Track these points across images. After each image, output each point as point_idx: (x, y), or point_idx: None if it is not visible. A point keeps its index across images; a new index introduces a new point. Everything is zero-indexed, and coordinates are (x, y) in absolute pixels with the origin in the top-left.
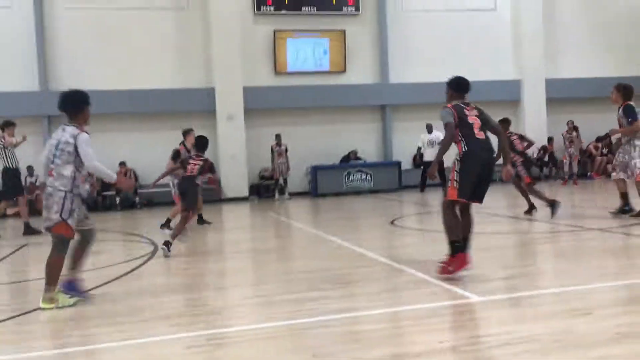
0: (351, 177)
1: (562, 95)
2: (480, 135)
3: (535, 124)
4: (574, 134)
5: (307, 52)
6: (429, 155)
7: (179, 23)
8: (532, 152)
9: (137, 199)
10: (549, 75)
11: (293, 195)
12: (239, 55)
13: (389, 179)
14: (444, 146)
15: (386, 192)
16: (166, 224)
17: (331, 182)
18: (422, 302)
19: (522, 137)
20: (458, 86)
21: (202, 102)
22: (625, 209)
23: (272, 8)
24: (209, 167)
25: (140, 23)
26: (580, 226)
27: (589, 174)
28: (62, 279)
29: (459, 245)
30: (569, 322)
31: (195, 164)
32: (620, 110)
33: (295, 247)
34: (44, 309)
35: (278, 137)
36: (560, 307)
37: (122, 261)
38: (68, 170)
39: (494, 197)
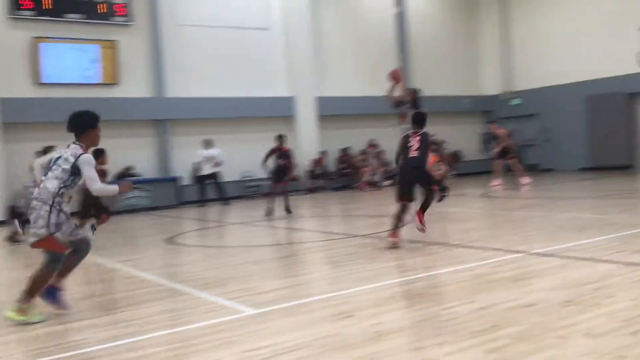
0: (126, 195)
1: (330, 112)
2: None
3: (308, 138)
4: (375, 150)
5: (73, 62)
6: (207, 170)
7: None
8: (305, 165)
9: None
10: (319, 94)
11: None
12: None
13: (168, 195)
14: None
15: (165, 208)
16: None
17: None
18: (199, 320)
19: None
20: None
21: None
22: None
23: (31, 13)
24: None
25: None
26: (347, 234)
27: (355, 184)
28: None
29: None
30: (335, 325)
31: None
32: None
33: None
34: (12, 319)
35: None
36: (327, 312)
37: None
38: (54, 185)
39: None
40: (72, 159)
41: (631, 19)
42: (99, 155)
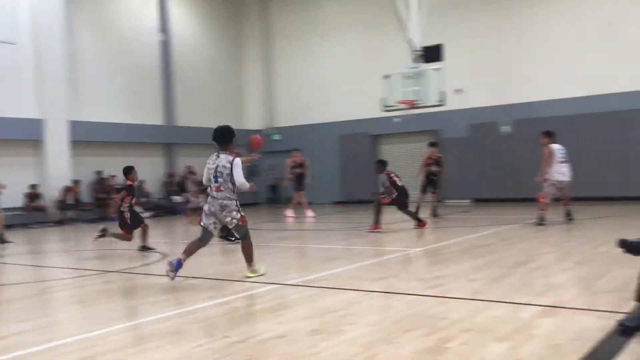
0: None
1: (85, 138)
2: None
3: (59, 165)
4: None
5: None
6: None
7: None
8: (55, 194)
9: None
10: (73, 117)
11: None
12: None
13: None
14: None
15: None
16: None
17: None
18: None
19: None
20: None
21: None
22: None
23: None
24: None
25: None
26: (99, 270)
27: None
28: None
29: None
30: None
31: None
32: None
33: None
34: (249, 276)
35: None
36: (70, 358)
37: None
38: (231, 185)
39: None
40: (228, 165)
41: (375, 69)
42: (130, 171)
